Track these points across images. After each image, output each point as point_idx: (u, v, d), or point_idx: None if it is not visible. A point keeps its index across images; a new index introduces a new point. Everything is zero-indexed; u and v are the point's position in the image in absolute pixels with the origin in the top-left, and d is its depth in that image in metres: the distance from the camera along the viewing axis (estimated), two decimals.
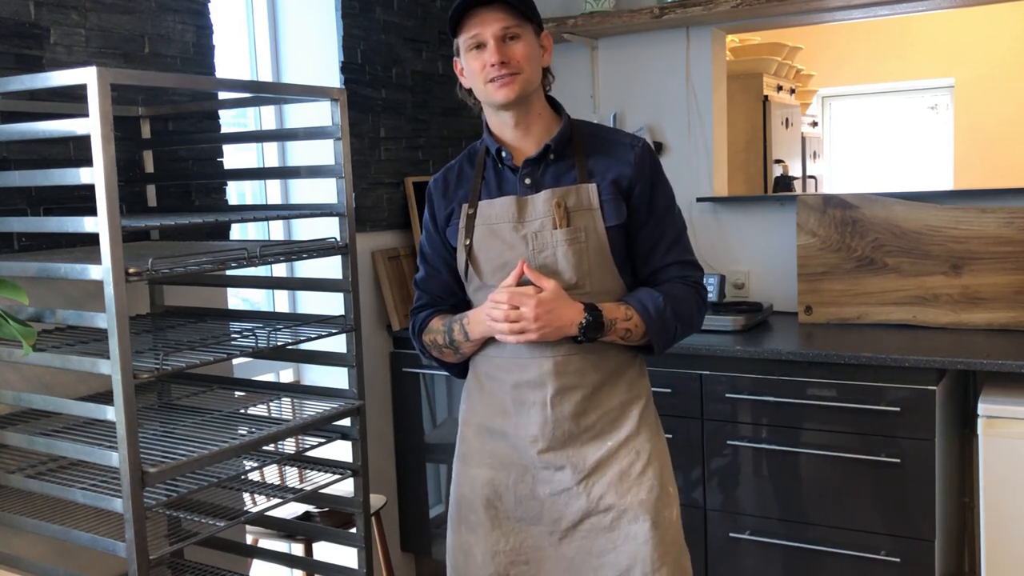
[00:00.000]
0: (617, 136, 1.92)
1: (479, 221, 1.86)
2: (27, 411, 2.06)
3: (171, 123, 2.47)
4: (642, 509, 1.82)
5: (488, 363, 1.90)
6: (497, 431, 1.90)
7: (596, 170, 1.84)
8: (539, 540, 1.87)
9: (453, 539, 1.97)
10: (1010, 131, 5.88)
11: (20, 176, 1.85)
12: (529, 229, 1.82)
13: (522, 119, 1.84)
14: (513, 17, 1.77)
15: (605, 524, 1.83)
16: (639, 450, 1.85)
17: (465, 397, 1.99)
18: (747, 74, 4.44)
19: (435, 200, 1.95)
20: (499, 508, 1.89)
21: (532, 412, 1.85)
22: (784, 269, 3.32)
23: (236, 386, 2.36)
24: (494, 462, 1.90)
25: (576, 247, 1.80)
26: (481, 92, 1.83)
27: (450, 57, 1.93)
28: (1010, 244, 2.87)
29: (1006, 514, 2.44)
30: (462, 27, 1.79)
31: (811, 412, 2.69)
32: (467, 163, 1.95)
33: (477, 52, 1.78)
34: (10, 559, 1.98)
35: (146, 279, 1.83)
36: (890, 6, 3.16)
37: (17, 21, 2.11)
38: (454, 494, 1.98)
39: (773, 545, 2.77)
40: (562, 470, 1.84)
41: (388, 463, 3.37)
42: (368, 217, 3.21)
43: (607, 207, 1.82)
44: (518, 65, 1.77)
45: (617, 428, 1.86)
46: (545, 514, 1.86)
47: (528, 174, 1.85)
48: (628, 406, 1.88)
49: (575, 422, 1.84)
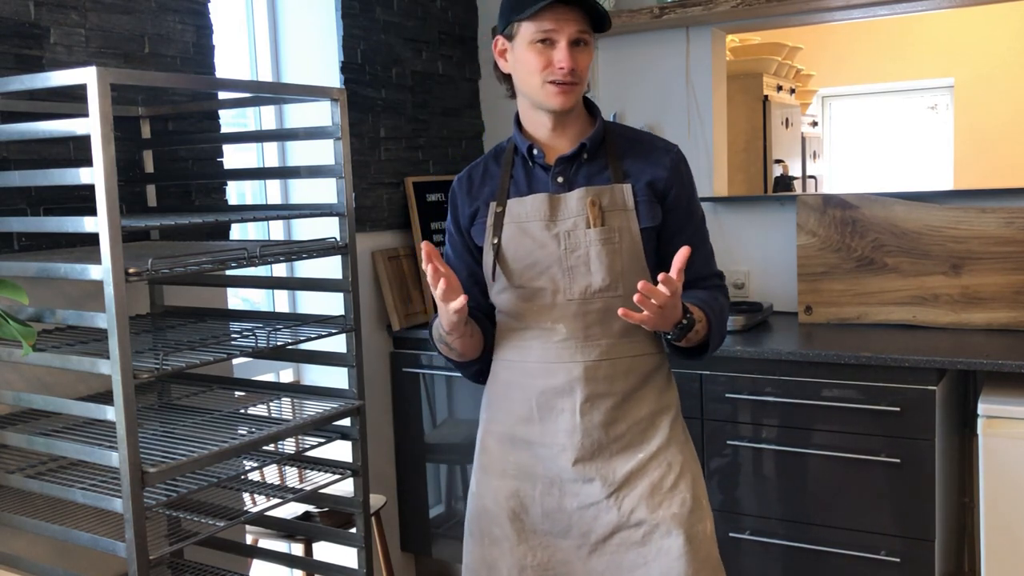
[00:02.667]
0: (652, 139, 1.88)
1: (508, 219, 1.80)
2: (27, 411, 2.06)
3: (171, 123, 2.47)
4: (675, 523, 1.75)
5: (512, 369, 1.84)
6: (521, 440, 1.83)
7: (631, 171, 1.80)
8: (568, 554, 1.80)
9: (475, 553, 1.89)
10: (1010, 131, 5.88)
11: (20, 176, 1.85)
12: (561, 228, 1.76)
13: (560, 120, 1.80)
14: (587, 22, 1.72)
15: (636, 539, 1.77)
16: (671, 462, 1.79)
17: (486, 405, 1.92)
18: (747, 74, 4.44)
19: (459, 199, 1.89)
20: (525, 521, 1.83)
21: (560, 419, 1.78)
22: (784, 269, 3.31)
23: (236, 386, 2.36)
24: (519, 473, 1.83)
25: (610, 247, 1.76)
26: (532, 89, 1.76)
27: (450, 57, 1.91)
28: (1010, 244, 2.87)
29: (1006, 514, 2.44)
30: (536, 16, 1.69)
31: (811, 412, 2.69)
32: (493, 161, 1.89)
33: (542, 47, 1.71)
34: (10, 559, 1.98)
35: (146, 279, 1.83)
36: (890, 6, 3.16)
37: (17, 21, 2.11)
38: (474, 506, 1.90)
39: (773, 545, 2.77)
40: (591, 483, 1.78)
41: (388, 463, 3.37)
42: (368, 217, 3.21)
43: (642, 208, 1.78)
44: (581, 75, 1.73)
45: (648, 439, 1.80)
46: (573, 527, 1.80)
47: (561, 172, 1.80)
48: (658, 416, 1.82)
49: (605, 431, 1.78)
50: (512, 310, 1.83)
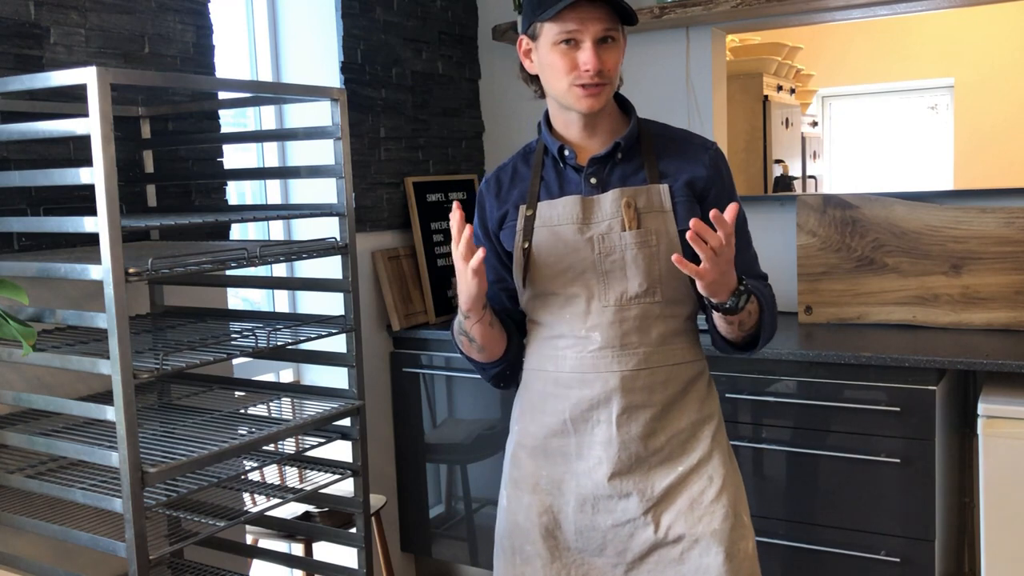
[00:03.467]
0: (689, 136, 1.80)
1: (539, 223, 1.72)
2: (27, 411, 2.06)
3: (171, 123, 2.47)
4: (714, 540, 1.67)
5: (545, 380, 1.76)
6: (555, 453, 1.76)
7: (668, 171, 1.71)
8: (603, 573, 1.74)
9: (507, 571, 1.81)
10: (1010, 131, 5.88)
11: (20, 176, 1.85)
12: (595, 231, 1.68)
13: (592, 119, 1.71)
14: (613, 18, 1.62)
15: (674, 556, 1.69)
16: (712, 475, 1.71)
17: (517, 417, 1.84)
18: (747, 74, 4.44)
19: (487, 202, 1.81)
20: (559, 538, 1.76)
21: (596, 432, 1.71)
22: (784, 269, 3.31)
23: (236, 386, 2.36)
24: (551, 488, 1.76)
25: (647, 251, 1.67)
26: (560, 91, 1.67)
27: (450, 57, 1.90)
28: (1010, 244, 2.87)
29: (1006, 514, 2.44)
30: (558, 16, 1.61)
31: (811, 412, 2.69)
32: (522, 162, 1.81)
33: (566, 48, 1.62)
34: (10, 559, 1.98)
35: (146, 279, 1.83)
36: (890, 6, 3.16)
37: (17, 21, 2.11)
38: (505, 521, 1.83)
39: (773, 545, 2.77)
40: (628, 498, 1.71)
41: (388, 463, 3.37)
42: (368, 217, 3.21)
43: (680, 209, 1.69)
44: (610, 75, 1.64)
45: (688, 451, 1.72)
46: (608, 546, 1.73)
47: (594, 173, 1.72)
48: (700, 427, 1.74)
49: (643, 444, 1.70)
50: (544, 318, 1.76)
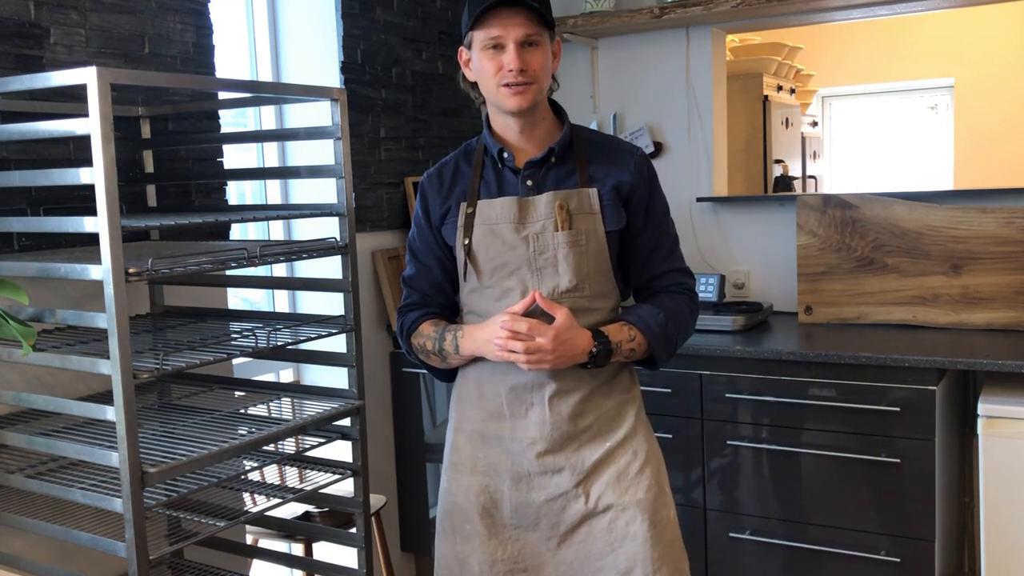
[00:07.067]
0: (617, 143, 1.94)
1: (478, 220, 1.85)
2: (27, 411, 2.06)
3: (171, 123, 2.47)
4: (639, 509, 1.81)
5: (481, 367, 1.89)
6: (492, 436, 1.89)
7: (597, 175, 1.86)
8: (537, 546, 1.86)
9: (446, 549, 1.94)
10: (1010, 131, 5.87)
11: (20, 176, 1.85)
12: (531, 230, 1.82)
13: (527, 123, 1.84)
14: (535, 23, 1.76)
15: (603, 526, 1.83)
16: (636, 450, 1.86)
17: (456, 403, 1.97)
18: (747, 74, 4.44)
19: (429, 196, 1.93)
20: (495, 516, 1.88)
21: (531, 413, 1.84)
22: (784, 269, 3.32)
23: (236, 386, 2.36)
24: (488, 469, 1.89)
25: (577, 250, 1.81)
26: (491, 93, 1.82)
27: (450, 57, 1.93)
28: (1010, 244, 2.87)
29: (1006, 514, 2.44)
30: (482, 23, 1.76)
31: (811, 412, 2.69)
32: (463, 160, 1.94)
33: (494, 52, 1.77)
34: (10, 559, 1.98)
35: (146, 279, 1.83)
36: (890, 6, 3.16)
37: (17, 21, 2.11)
38: (445, 503, 1.95)
39: (773, 545, 2.77)
40: (560, 473, 1.84)
41: (388, 463, 3.37)
42: (368, 217, 3.21)
43: (608, 212, 1.83)
44: (534, 74, 1.77)
45: (615, 428, 1.86)
46: (542, 520, 1.85)
47: (530, 176, 1.85)
48: (624, 407, 1.89)
49: (573, 423, 1.84)
50: (482, 309, 1.87)
